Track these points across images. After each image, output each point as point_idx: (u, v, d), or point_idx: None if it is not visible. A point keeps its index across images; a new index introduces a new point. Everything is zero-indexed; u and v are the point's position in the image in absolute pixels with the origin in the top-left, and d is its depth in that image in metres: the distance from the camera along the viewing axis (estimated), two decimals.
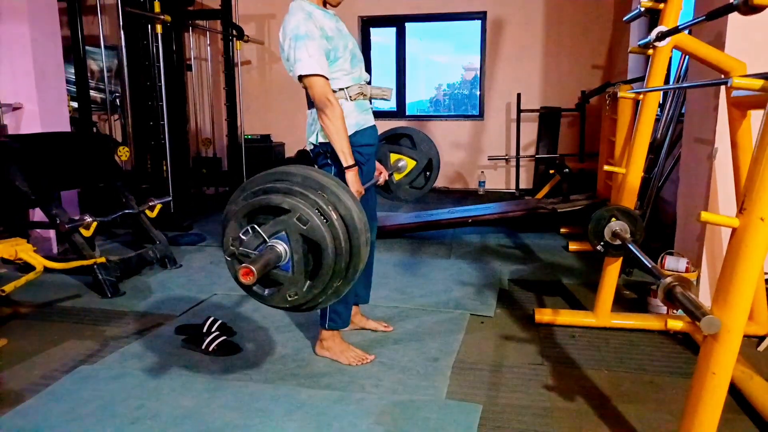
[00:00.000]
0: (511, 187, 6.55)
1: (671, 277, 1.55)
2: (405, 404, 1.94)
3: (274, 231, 1.46)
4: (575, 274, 3.40)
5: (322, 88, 2.01)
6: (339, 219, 1.47)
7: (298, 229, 1.43)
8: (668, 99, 3.62)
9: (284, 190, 1.48)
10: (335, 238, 1.45)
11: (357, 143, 2.16)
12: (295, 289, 1.48)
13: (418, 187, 2.91)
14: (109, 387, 2.07)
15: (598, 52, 6.27)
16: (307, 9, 2.09)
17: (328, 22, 2.11)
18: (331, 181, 1.54)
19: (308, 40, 2.00)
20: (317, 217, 1.43)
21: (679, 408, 1.56)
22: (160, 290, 3.16)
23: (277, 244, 1.44)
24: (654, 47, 2.27)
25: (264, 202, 1.47)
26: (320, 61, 2.01)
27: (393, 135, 2.89)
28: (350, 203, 1.50)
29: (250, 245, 1.47)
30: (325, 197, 1.48)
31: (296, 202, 1.44)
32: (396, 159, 2.82)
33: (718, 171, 2.60)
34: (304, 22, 2.03)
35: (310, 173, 1.53)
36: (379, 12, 6.73)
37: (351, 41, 2.21)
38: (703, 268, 2.71)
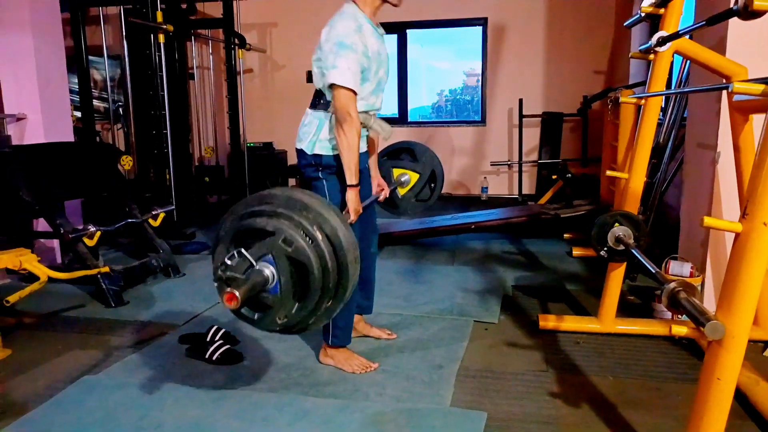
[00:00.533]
0: (514, 192, 6.54)
1: (675, 283, 1.55)
2: (409, 412, 1.94)
3: (260, 254, 1.45)
4: (579, 280, 3.39)
5: (348, 101, 2.00)
6: (325, 238, 1.46)
7: (283, 251, 1.43)
8: (670, 103, 3.62)
9: (269, 213, 1.48)
10: (321, 257, 1.45)
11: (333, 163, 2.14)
12: (284, 311, 1.48)
13: (424, 200, 2.89)
14: (113, 397, 2.07)
15: (600, 57, 6.28)
16: (360, 20, 2.09)
17: (372, 42, 2.10)
18: (314, 200, 1.53)
19: (351, 52, 2.00)
20: (302, 238, 1.43)
21: (685, 414, 1.55)
22: (163, 299, 3.16)
23: (264, 267, 1.44)
24: (655, 52, 2.27)
25: (249, 226, 1.48)
26: (355, 76, 2.01)
27: (394, 150, 2.89)
28: (335, 221, 1.50)
29: (238, 269, 1.46)
30: (310, 217, 1.47)
31: (280, 224, 1.44)
32: (399, 174, 2.82)
33: (721, 175, 2.59)
34: (353, 33, 2.03)
35: (293, 194, 1.52)
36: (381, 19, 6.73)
37: (383, 68, 2.19)
38: (707, 272, 2.70)
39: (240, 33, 5.96)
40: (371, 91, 2.15)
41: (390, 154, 2.88)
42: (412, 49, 7.05)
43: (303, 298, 1.47)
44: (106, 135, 5.96)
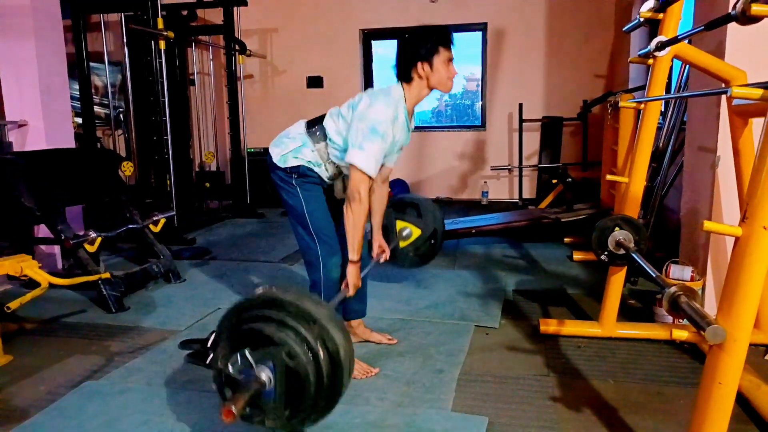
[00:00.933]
0: (515, 197, 6.55)
1: (676, 287, 1.55)
2: (410, 417, 1.94)
3: (261, 359, 1.49)
4: (580, 284, 3.39)
5: (362, 183, 2.05)
6: (326, 355, 1.49)
7: (284, 362, 1.47)
8: (670, 107, 3.63)
9: (277, 321, 1.50)
10: (319, 374, 1.48)
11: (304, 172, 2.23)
12: (274, 417, 1.51)
13: (423, 256, 2.96)
14: (115, 402, 2.07)
15: (600, 62, 6.29)
16: (399, 111, 2.12)
17: (399, 134, 2.16)
18: (324, 311, 1.55)
19: (381, 141, 2.04)
20: (304, 354, 1.46)
21: (687, 418, 1.55)
22: (164, 305, 3.16)
23: (263, 372, 1.47)
24: (654, 57, 2.28)
25: (256, 329, 1.50)
26: (378, 163, 2.07)
27: (399, 203, 2.96)
28: (339, 338, 1.53)
29: (237, 368, 1.50)
30: (316, 332, 1.50)
31: (286, 336, 1.47)
32: (402, 227, 2.89)
33: (722, 179, 2.59)
34: (389, 122, 2.07)
35: (303, 303, 1.54)
36: (381, 24, 6.78)
37: (399, 144, 2.23)
38: (708, 276, 2.70)
39: (240, 39, 5.99)
40: None
41: (395, 206, 2.96)
42: None
43: (295, 407, 1.51)
44: (107, 141, 5.98)
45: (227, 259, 4.17)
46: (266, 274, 3.73)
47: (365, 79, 7.04)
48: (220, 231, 5.22)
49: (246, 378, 1.48)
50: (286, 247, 4.46)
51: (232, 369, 1.49)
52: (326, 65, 6.95)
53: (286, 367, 1.46)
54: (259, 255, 4.26)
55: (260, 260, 4.10)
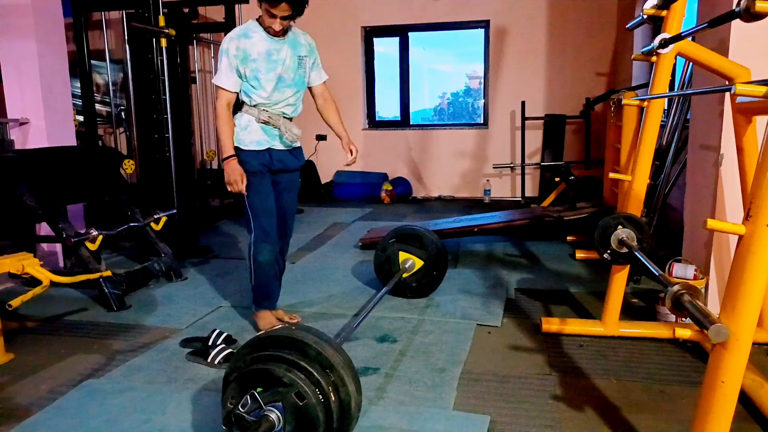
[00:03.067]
0: (517, 195, 6.54)
1: (679, 285, 1.54)
2: (412, 416, 1.93)
3: (271, 400, 1.51)
4: (582, 283, 3.38)
5: (220, 98, 2.49)
6: (337, 402, 1.51)
7: (294, 403, 1.49)
8: (673, 105, 3.61)
9: (290, 362, 1.52)
10: (328, 419, 1.50)
11: (246, 159, 2.53)
12: None
13: (425, 286, 3.11)
14: (116, 401, 2.07)
15: (603, 59, 6.27)
16: (249, 29, 2.47)
17: (262, 45, 2.44)
18: (341, 359, 1.57)
19: (224, 56, 2.45)
20: (314, 396, 1.49)
21: (689, 417, 1.54)
22: (165, 303, 3.16)
23: (272, 413, 1.50)
24: (657, 54, 2.27)
25: (267, 370, 1.52)
26: (227, 76, 2.45)
27: (403, 234, 3.11)
28: (352, 388, 1.56)
29: (247, 408, 1.52)
30: (330, 378, 1.53)
31: (297, 377, 1.50)
32: (404, 258, 3.06)
33: (725, 177, 2.58)
34: (229, 40, 2.45)
35: (325, 348, 1.56)
36: (383, 22, 6.76)
37: (283, 67, 2.49)
38: (711, 275, 2.69)
39: None
40: (272, 88, 2.49)
41: (399, 238, 3.11)
42: (414, 52, 7.06)
43: None
44: (109, 139, 5.98)
45: (228, 257, 4.17)
46: None
47: (367, 76, 7.03)
48: (222, 230, 5.22)
49: (256, 418, 1.50)
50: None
51: (243, 409, 1.52)
52: (328, 63, 6.83)
53: (296, 408, 1.48)
54: None
55: None
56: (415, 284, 3.08)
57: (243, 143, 2.54)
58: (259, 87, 2.47)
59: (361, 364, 2.32)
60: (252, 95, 2.50)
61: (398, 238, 3.09)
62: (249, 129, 2.53)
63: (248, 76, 2.46)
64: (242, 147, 2.54)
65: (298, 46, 2.56)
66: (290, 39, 2.53)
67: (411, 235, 3.09)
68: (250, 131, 2.54)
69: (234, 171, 2.49)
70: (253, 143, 2.54)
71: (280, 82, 2.51)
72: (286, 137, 2.56)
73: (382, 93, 7.23)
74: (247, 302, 3.13)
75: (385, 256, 3.08)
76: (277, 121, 2.54)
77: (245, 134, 2.54)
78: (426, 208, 6.18)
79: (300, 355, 1.54)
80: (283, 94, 2.54)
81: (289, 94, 2.55)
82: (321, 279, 3.57)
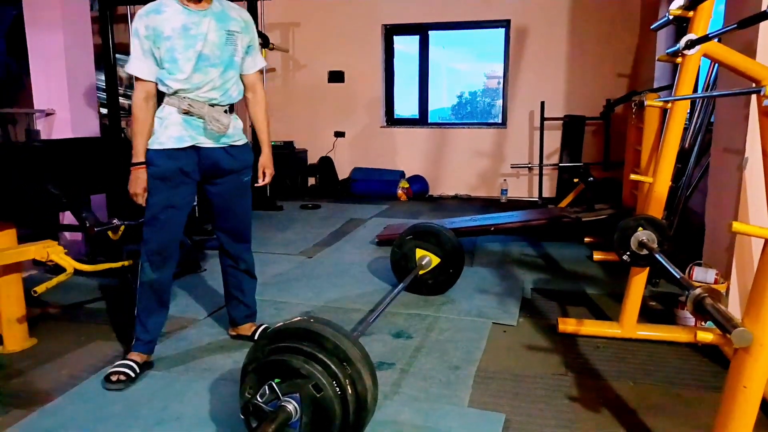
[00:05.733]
0: (534, 195, 6.50)
1: (701, 288, 1.53)
2: (427, 412, 1.94)
3: (288, 391, 1.53)
4: (600, 284, 3.36)
5: (136, 90, 2.15)
6: (354, 395, 1.53)
7: (311, 394, 1.50)
8: (696, 107, 3.56)
9: (308, 354, 1.54)
10: (345, 412, 1.51)
11: (158, 161, 2.15)
12: None
13: (441, 284, 3.12)
14: (135, 388, 2.11)
15: (624, 60, 6.20)
16: (161, 2, 2.10)
17: (176, 20, 2.07)
18: (358, 353, 1.58)
19: (134, 38, 2.09)
20: (331, 388, 1.50)
21: (707, 422, 1.53)
22: (184, 293, 3.20)
23: (289, 403, 1.51)
24: (683, 55, 2.24)
25: (284, 361, 1.54)
26: (140, 61, 2.10)
27: (420, 231, 3.11)
28: (369, 383, 1.57)
29: (265, 398, 1.54)
30: (348, 371, 1.54)
31: (314, 369, 1.51)
32: (421, 255, 3.05)
33: (749, 181, 2.54)
34: (138, 18, 2.09)
35: (342, 341, 1.57)
36: (403, 20, 6.76)
37: (205, 43, 2.10)
38: (732, 279, 2.66)
39: (263, 32, 6.01)
40: (192, 68, 2.10)
41: (416, 235, 3.10)
42: (433, 51, 7.05)
43: None
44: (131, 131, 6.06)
45: None
46: (284, 266, 3.75)
47: (386, 74, 7.04)
48: None
49: (273, 408, 1.51)
50: (304, 240, 4.49)
51: (260, 399, 1.53)
52: (348, 60, 6.95)
53: (313, 400, 1.50)
54: (278, 247, 4.28)
55: (278, 253, 4.13)
56: (431, 281, 3.09)
57: (157, 141, 2.14)
58: (176, 69, 2.08)
59: (376, 359, 2.33)
60: (169, 81, 2.10)
61: (415, 235, 3.10)
62: (166, 123, 2.14)
63: (163, 57, 2.08)
64: (155, 147, 2.14)
65: (226, 20, 2.16)
66: (216, 11, 2.14)
67: (428, 232, 3.10)
68: (168, 125, 2.14)
69: (137, 181, 2.14)
70: (171, 140, 2.13)
71: (202, 61, 2.10)
72: (210, 128, 2.14)
73: (400, 91, 7.23)
74: (266, 294, 3.16)
75: (402, 252, 3.09)
76: (201, 110, 2.14)
77: (161, 130, 2.14)
78: (442, 207, 6.17)
79: (318, 347, 1.55)
80: (206, 75, 2.13)
81: (213, 74, 2.14)
82: (337, 274, 3.58)
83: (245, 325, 2.54)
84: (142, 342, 2.26)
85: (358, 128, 7.02)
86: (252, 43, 2.28)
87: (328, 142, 7.11)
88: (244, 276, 2.50)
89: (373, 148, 7.04)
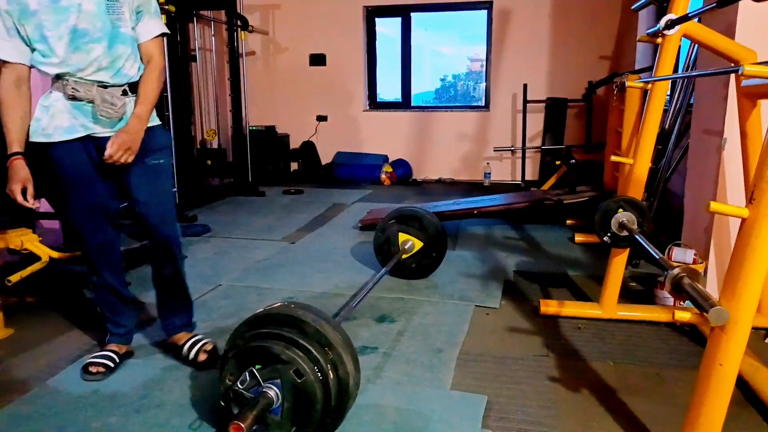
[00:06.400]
0: (517, 178, 6.52)
1: (679, 268, 1.54)
2: (409, 395, 1.94)
3: (269, 377, 1.52)
4: (581, 266, 3.39)
5: (3, 74, 1.82)
6: (335, 379, 1.52)
7: (292, 380, 1.50)
8: (676, 89, 3.58)
9: (288, 339, 1.52)
10: (327, 397, 1.51)
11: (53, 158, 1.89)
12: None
13: (425, 268, 3.13)
14: (114, 376, 2.08)
15: (606, 43, 6.21)
16: None
17: None
18: (339, 338, 1.57)
19: None
20: (313, 374, 1.49)
21: (685, 401, 1.55)
22: None
23: (270, 389, 1.51)
24: (663, 36, 2.24)
25: (265, 347, 1.52)
26: (4, 41, 1.79)
27: (403, 216, 3.11)
28: (351, 367, 1.56)
29: (245, 385, 1.53)
30: (329, 356, 1.53)
31: (295, 354, 1.50)
32: (404, 240, 3.04)
33: (727, 162, 2.57)
34: None
35: (323, 326, 1.56)
36: (385, 2, 6.68)
37: (80, 15, 1.79)
38: (710, 259, 2.69)
39: (242, 14, 5.90)
40: (66, 47, 1.79)
41: (399, 219, 3.10)
42: (416, 34, 6.99)
43: (302, 424, 1.53)
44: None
45: (228, 236, 4.16)
46: (267, 252, 3.72)
47: (368, 57, 6.96)
48: (221, 209, 5.21)
49: (255, 394, 1.51)
50: (286, 226, 4.45)
51: (241, 386, 1.53)
52: (329, 43, 6.86)
53: (294, 386, 1.49)
54: (260, 233, 4.25)
55: (261, 238, 4.10)
56: (414, 265, 3.09)
57: (44, 132, 1.85)
58: (49, 51, 1.79)
59: (359, 343, 2.33)
60: (45, 67, 1.82)
61: (398, 219, 3.09)
62: (52, 111, 1.85)
63: (32, 37, 1.78)
64: (41, 139, 1.85)
65: None
66: None
67: (411, 216, 3.09)
68: (54, 113, 1.84)
69: (15, 176, 1.82)
70: (60, 131, 1.85)
71: (78, 37, 1.79)
72: (101, 113, 1.84)
73: (383, 75, 7.17)
74: (248, 280, 3.13)
75: (385, 236, 3.08)
76: (89, 92, 1.83)
77: (48, 119, 1.85)
78: (426, 191, 6.17)
79: (299, 332, 1.54)
80: (88, 54, 1.81)
81: (97, 52, 1.82)
82: (320, 259, 3.57)
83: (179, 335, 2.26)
84: (118, 335, 2.21)
85: (340, 112, 6.96)
86: (142, 8, 1.92)
87: (310, 126, 7.04)
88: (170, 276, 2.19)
89: (356, 133, 6.99)
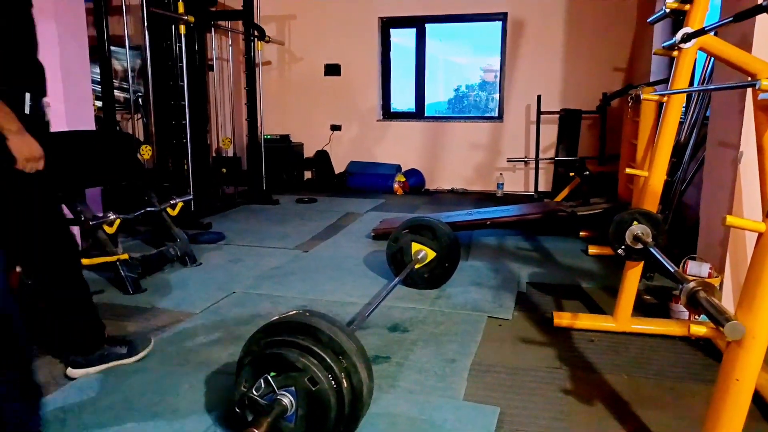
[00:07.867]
0: (530, 189, 6.51)
1: (695, 282, 1.53)
2: (422, 405, 1.94)
3: (284, 384, 1.54)
4: (594, 278, 3.37)
5: None
6: (349, 388, 1.54)
7: (306, 388, 1.51)
8: (692, 101, 3.57)
9: (303, 348, 1.54)
10: (340, 405, 1.52)
11: None
12: None
13: (437, 278, 3.13)
14: (130, 381, 2.11)
15: (620, 54, 6.20)
16: None
17: None
18: (353, 346, 1.58)
19: None
20: (327, 381, 1.51)
21: (700, 415, 1.54)
22: (180, 287, 3.20)
23: (285, 397, 1.52)
24: (679, 49, 2.24)
25: (280, 355, 1.54)
26: None
27: (416, 225, 3.12)
28: (365, 376, 1.57)
29: (260, 392, 1.55)
30: (343, 365, 1.55)
31: (310, 362, 1.52)
32: (417, 249, 3.05)
33: (743, 175, 2.55)
34: None
35: (338, 334, 1.58)
36: (399, 13, 6.74)
37: None
38: (726, 273, 2.67)
39: (259, 25, 5.98)
40: None
41: (412, 229, 3.10)
42: (430, 44, 7.03)
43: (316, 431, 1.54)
44: (126, 125, 6.02)
45: (242, 244, 4.20)
46: (280, 260, 3.75)
47: (383, 67, 7.02)
48: (236, 216, 5.26)
49: (269, 401, 1.52)
50: (300, 235, 4.48)
51: (256, 393, 1.54)
52: (344, 53, 6.93)
53: (308, 393, 1.51)
54: (274, 241, 4.28)
55: (274, 246, 4.13)
56: (427, 275, 3.09)
57: None
58: None
59: (372, 352, 2.34)
60: None
61: (411, 229, 3.10)
62: None
63: None
64: None
65: None
66: None
67: (424, 226, 3.10)
68: None
69: None
70: None
71: None
72: None
73: (397, 84, 7.22)
74: (262, 288, 3.16)
75: (398, 246, 3.09)
76: None
77: None
78: (438, 200, 6.18)
79: (313, 340, 1.56)
80: None
81: None
82: (333, 267, 3.58)
83: None
84: None
85: (354, 122, 7.01)
86: None
87: (324, 135, 7.09)
88: None
89: (369, 142, 7.03)
